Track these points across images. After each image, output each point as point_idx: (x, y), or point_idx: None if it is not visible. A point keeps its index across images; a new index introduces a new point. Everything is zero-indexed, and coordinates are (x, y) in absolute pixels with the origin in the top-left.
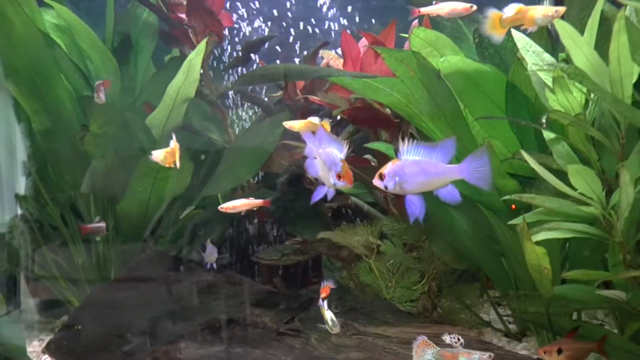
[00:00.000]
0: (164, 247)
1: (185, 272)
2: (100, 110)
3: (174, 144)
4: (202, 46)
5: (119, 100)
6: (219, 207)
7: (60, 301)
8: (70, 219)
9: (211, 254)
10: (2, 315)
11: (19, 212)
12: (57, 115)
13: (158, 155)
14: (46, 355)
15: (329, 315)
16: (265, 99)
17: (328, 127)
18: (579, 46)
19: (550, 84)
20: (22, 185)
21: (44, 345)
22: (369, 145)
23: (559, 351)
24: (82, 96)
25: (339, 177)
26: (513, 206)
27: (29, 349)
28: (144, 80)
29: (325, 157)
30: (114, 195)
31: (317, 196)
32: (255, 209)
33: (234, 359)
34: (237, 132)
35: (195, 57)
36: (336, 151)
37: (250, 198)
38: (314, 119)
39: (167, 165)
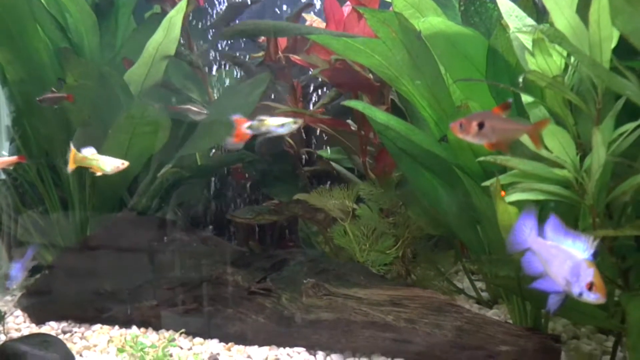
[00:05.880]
0: (141, 206)
1: (160, 231)
2: (78, 63)
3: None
4: (182, 4)
5: (97, 54)
6: None
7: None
8: (47, 175)
9: None
10: None
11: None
12: (33, 66)
13: None
14: (18, 310)
15: None
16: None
17: None
18: (561, 8)
19: (531, 47)
20: (6, 150)
21: (15, 300)
22: (346, 103)
23: (480, 125)
24: (59, 48)
25: (589, 287)
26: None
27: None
28: (124, 36)
29: (564, 256)
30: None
31: (554, 305)
32: (232, 170)
33: (205, 317)
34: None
35: (175, 15)
36: (580, 252)
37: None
38: None
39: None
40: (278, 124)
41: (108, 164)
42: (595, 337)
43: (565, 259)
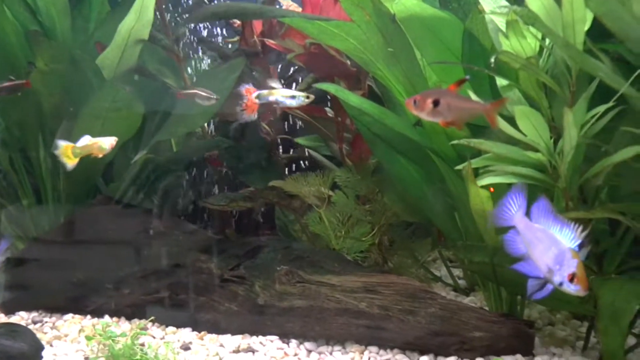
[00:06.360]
0: (115, 193)
1: (134, 219)
2: (48, 47)
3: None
4: None
5: (69, 37)
6: None
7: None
8: (19, 163)
9: None
10: None
11: None
12: (1, 49)
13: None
14: None
15: None
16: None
17: None
18: None
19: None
20: None
21: None
22: (318, 85)
23: (435, 103)
24: (29, 30)
25: (571, 278)
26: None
27: None
28: (98, 19)
29: (550, 242)
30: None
31: (532, 288)
32: (209, 157)
33: (178, 306)
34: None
35: None
36: (566, 240)
37: None
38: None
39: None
40: (288, 95)
41: (106, 143)
42: (571, 323)
43: (550, 245)
